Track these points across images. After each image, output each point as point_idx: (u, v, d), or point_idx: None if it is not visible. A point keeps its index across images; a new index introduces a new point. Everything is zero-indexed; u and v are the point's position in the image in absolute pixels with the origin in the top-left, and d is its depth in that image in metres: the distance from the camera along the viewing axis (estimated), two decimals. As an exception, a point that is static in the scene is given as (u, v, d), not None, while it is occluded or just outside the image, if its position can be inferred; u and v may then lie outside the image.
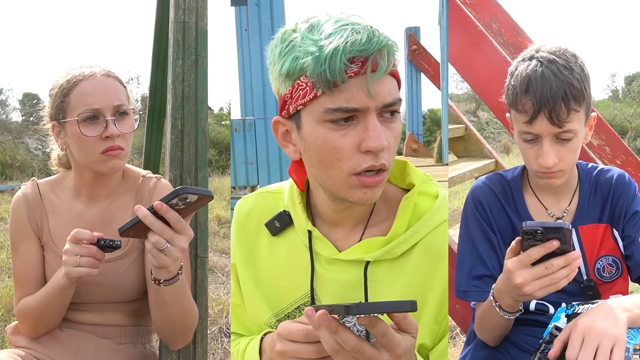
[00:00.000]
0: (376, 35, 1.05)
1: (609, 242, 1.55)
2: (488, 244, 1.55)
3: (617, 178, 1.56)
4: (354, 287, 1.19)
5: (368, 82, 1.04)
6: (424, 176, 1.25)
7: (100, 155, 1.52)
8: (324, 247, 1.23)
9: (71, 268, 1.38)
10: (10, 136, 16.79)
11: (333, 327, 0.92)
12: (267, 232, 1.31)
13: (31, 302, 1.56)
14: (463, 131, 4.27)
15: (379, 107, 1.07)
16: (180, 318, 1.50)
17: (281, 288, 1.28)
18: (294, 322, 1.06)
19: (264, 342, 1.23)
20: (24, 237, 1.62)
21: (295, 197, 1.27)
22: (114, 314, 1.63)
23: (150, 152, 2.58)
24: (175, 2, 1.83)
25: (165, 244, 1.24)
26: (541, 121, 1.38)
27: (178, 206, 1.22)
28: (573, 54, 1.43)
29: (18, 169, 14.70)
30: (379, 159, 1.08)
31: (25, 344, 1.60)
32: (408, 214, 1.19)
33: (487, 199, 1.58)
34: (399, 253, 1.18)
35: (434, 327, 1.19)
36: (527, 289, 1.17)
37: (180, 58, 1.82)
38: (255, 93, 4.30)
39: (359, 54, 1.03)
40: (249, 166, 4.12)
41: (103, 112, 1.51)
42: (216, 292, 4.23)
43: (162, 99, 2.35)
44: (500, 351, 1.54)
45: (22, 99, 20.33)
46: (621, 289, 1.57)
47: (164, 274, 1.36)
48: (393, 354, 0.95)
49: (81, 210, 1.63)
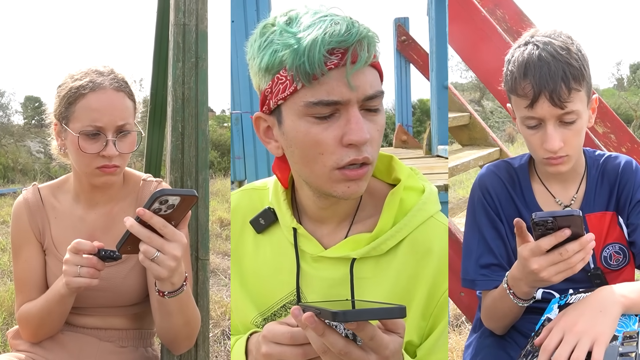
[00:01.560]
0: (355, 26, 1.04)
1: (615, 229, 1.54)
2: (495, 233, 1.54)
3: (624, 165, 1.54)
4: (340, 285, 1.18)
5: (348, 74, 1.03)
6: (410, 170, 1.24)
7: (95, 170, 1.51)
8: (309, 244, 1.21)
9: (71, 278, 1.37)
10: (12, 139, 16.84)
11: (320, 330, 0.91)
12: (252, 229, 1.29)
13: (32, 308, 1.55)
14: (467, 119, 4.22)
15: (360, 99, 1.05)
16: (184, 326, 1.49)
17: (267, 286, 1.27)
18: (279, 324, 1.05)
19: (249, 343, 1.21)
20: (26, 242, 1.62)
21: (280, 194, 1.25)
22: (115, 318, 1.62)
23: (151, 155, 2.57)
24: (175, 4, 1.83)
25: (155, 253, 1.20)
26: (542, 103, 1.37)
27: (163, 211, 1.18)
28: (568, 35, 1.43)
29: (20, 172, 14.73)
30: (362, 153, 1.06)
31: (26, 348, 1.59)
32: (394, 209, 1.18)
33: (495, 186, 1.56)
34: (385, 250, 1.17)
35: (421, 323, 1.18)
36: (543, 274, 1.17)
37: (181, 60, 1.81)
38: (242, 86, 4.26)
39: (338, 45, 1.02)
40: (236, 161, 4.09)
41: (105, 131, 1.48)
42: (218, 295, 4.23)
43: (162, 102, 2.35)
44: (506, 339, 1.54)
45: (24, 102, 20.39)
46: (628, 276, 1.55)
47: (168, 286, 1.31)
48: (381, 355, 0.94)
49: (82, 215, 1.62)
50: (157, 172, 2.58)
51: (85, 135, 1.48)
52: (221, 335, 3.55)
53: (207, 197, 1.82)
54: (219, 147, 14.55)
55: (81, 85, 1.49)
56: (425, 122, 13.26)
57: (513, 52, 1.45)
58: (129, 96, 1.55)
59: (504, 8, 3.10)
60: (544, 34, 1.42)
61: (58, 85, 1.56)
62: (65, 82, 1.53)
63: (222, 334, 3.56)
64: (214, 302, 3.97)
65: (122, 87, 1.53)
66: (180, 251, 1.23)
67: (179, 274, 1.30)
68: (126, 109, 1.53)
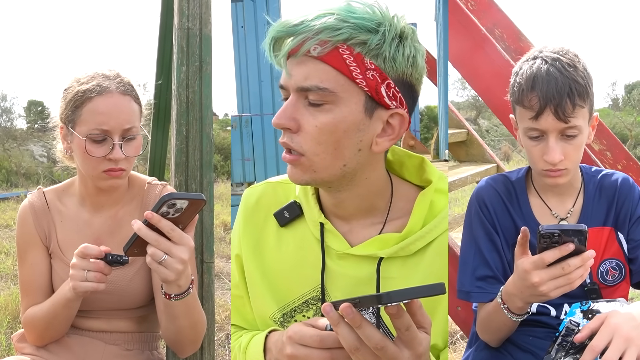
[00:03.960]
0: (316, 18, 1.05)
1: (613, 245, 1.55)
2: (491, 245, 1.55)
3: (621, 181, 1.57)
4: (366, 284, 1.17)
5: (281, 60, 1.08)
6: (441, 174, 1.24)
7: (102, 173, 1.51)
8: (335, 240, 1.21)
9: (78, 283, 1.38)
10: (15, 143, 16.88)
11: (357, 322, 0.89)
12: (276, 222, 1.29)
13: (38, 312, 1.56)
14: (465, 136, 4.27)
15: (294, 88, 1.09)
16: (190, 329, 1.49)
17: (288, 281, 1.26)
18: (306, 326, 1.03)
19: (268, 341, 1.20)
20: (32, 246, 1.62)
21: (308, 189, 1.25)
22: (121, 321, 1.63)
23: (155, 158, 2.58)
24: (179, 9, 1.84)
25: (163, 256, 1.21)
26: (547, 116, 1.40)
27: (170, 215, 1.19)
28: (575, 54, 1.46)
29: (23, 176, 14.77)
30: (283, 138, 1.11)
31: (31, 351, 1.59)
32: (424, 211, 1.18)
33: (491, 199, 1.58)
34: (414, 250, 1.17)
35: (446, 327, 1.18)
36: (542, 288, 1.18)
37: (185, 64, 1.82)
38: (251, 89, 4.29)
39: (279, 34, 1.08)
40: (245, 162, 4.10)
41: (111, 135, 1.49)
42: (223, 298, 4.23)
43: (166, 105, 2.36)
44: (502, 352, 1.54)
45: (27, 106, 20.48)
46: (623, 292, 1.57)
47: (175, 289, 1.32)
48: (414, 352, 0.93)
49: (88, 219, 1.62)
50: (161, 175, 2.59)
51: (91, 139, 1.49)
52: (225, 339, 3.55)
53: (211, 200, 1.82)
54: (222, 150, 14.57)
55: (88, 89, 1.50)
56: (432, 129, 13.29)
57: (521, 65, 1.48)
58: (135, 100, 1.55)
59: (502, 27, 3.13)
60: (552, 50, 1.46)
61: (64, 88, 1.56)
62: (72, 86, 1.53)
63: (227, 337, 3.56)
64: (218, 305, 3.97)
65: (128, 91, 1.54)
66: (188, 254, 1.23)
67: (186, 277, 1.30)
68: (133, 113, 1.53)
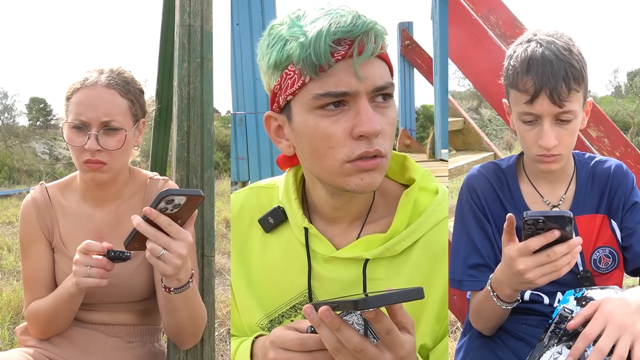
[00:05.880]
0: (362, 18, 1.04)
1: (606, 233, 1.54)
2: (483, 233, 1.55)
3: (614, 169, 1.55)
4: (353, 286, 1.16)
5: (355, 64, 1.02)
6: (424, 171, 1.23)
7: (83, 164, 1.54)
8: (321, 244, 1.19)
9: (81, 278, 1.40)
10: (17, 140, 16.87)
11: (336, 325, 0.90)
12: (260, 228, 1.28)
13: (41, 306, 1.58)
14: (461, 124, 4.25)
15: (369, 90, 1.04)
16: (190, 321, 1.51)
17: (274, 287, 1.25)
18: (287, 330, 1.03)
19: (255, 346, 1.19)
20: (35, 240, 1.64)
21: (291, 193, 1.23)
22: (123, 314, 1.65)
23: (157, 154, 2.60)
24: (180, 6, 1.85)
25: (162, 251, 1.22)
26: (542, 100, 1.38)
27: (168, 210, 1.20)
28: (570, 37, 1.44)
29: (25, 173, 14.78)
30: (373, 145, 1.04)
31: (34, 344, 1.61)
32: (408, 210, 1.17)
33: (482, 187, 1.57)
34: (399, 250, 1.15)
35: (435, 327, 1.17)
36: (529, 275, 1.15)
37: (186, 61, 1.83)
38: (246, 87, 4.27)
39: (344, 36, 1.01)
40: (239, 161, 4.09)
41: (89, 125, 1.52)
42: (224, 294, 4.24)
43: (168, 102, 2.37)
44: (495, 340, 1.54)
45: (29, 103, 20.46)
46: (616, 280, 1.56)
47: (174, 282, 1.34)
48: (396, 355, 0.93)
49: (90, 213, 1.64)
50: (163, 171, 2.61)
51: (72, 128, 1.53)
52: (227, 334, 3.57)
53: (212, 194, 1.84)
54: (224, 147, 14.57)
55: (78, 81, 1.55)
56: (428, 128, 13.28)
57: (515, 48, 1.46)
58: (121, 94, 1.56)
59: (497, 14, 3.12)
60: (546, 33, 1.44)
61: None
62: (71, 83, 1.58)
63: (228, 332, 3.58)
64: (220, 301, 3.98)
65: (115, 85, 1.56)
66: (186, 249, 1.25)
67: (185, 271, 1.32)
68: (114, 106, 1.55)
